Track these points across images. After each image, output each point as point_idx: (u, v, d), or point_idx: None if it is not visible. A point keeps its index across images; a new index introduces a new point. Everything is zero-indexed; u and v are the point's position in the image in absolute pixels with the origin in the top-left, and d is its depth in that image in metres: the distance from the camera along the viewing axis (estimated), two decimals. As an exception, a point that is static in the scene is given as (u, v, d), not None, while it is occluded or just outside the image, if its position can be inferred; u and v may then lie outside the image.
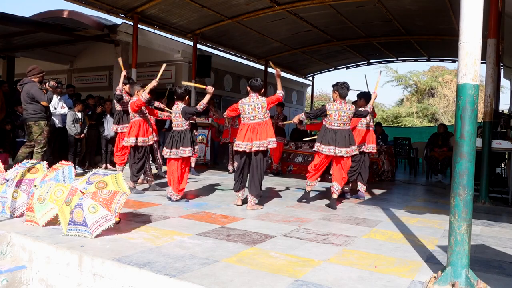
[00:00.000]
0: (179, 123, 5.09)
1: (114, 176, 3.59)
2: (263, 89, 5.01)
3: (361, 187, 5.91)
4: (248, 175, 4.96)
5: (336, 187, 5.13)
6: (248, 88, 4.96)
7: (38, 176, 3.97)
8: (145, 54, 10.55)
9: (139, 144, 5.56)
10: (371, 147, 5.77)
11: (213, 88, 5.07)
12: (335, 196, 5.11)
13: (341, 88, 5.00)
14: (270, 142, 4.82)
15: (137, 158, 5.65)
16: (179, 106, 5.10)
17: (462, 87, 2.47)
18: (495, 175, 7.64)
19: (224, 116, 5.54)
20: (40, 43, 10.46)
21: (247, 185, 4.98)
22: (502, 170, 8.53)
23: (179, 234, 3.51)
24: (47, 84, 5.85)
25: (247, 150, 4.81)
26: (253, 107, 4.84)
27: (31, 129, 5.81)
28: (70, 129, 7.53)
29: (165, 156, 5.13)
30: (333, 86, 5.15)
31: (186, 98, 5.19)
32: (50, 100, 5.86)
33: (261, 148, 4.79)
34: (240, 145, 4.83)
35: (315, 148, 5.10)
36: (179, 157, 5.04)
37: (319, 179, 5.28)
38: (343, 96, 5.01)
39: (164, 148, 5.13)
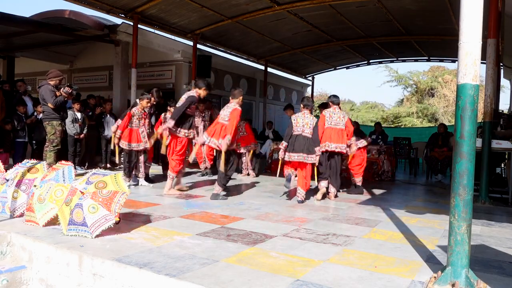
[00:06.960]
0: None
1: (114, 176, 3.59)
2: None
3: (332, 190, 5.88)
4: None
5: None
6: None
7: (38, 176, 3.97)
8: (145, 54, 10.54)
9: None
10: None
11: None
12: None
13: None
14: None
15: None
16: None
17: (462, 87, 2.46)
18: (495, 175, 7.64)
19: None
20: (40, 43, 10.45)
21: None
22: (502, 170, 8.53)
23: (179, 234, 3.51)
24: (61, 89, 6.09)
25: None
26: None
27: (46, 129, 6.10)
28: (69, 129, 7.53)
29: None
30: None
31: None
32: (56, 103, 6.00)
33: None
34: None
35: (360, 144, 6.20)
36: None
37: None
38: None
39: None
